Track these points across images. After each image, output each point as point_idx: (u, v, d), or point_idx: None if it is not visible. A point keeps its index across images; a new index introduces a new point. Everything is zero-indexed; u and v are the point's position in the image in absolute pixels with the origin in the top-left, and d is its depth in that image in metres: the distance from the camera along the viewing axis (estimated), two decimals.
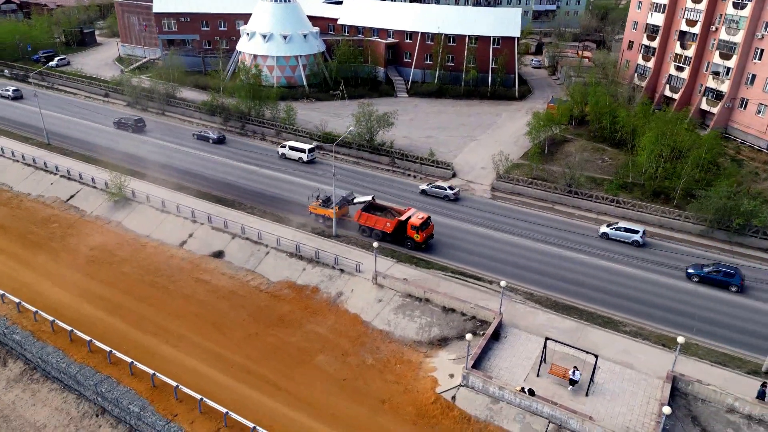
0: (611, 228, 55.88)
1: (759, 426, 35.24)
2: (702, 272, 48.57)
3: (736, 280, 47.03)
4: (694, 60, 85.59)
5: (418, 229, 51.49)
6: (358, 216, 54.42)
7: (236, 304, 47.23)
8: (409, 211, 53.76)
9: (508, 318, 44.03)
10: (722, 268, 48.19)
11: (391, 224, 52.50)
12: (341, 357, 41.83)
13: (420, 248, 52.52)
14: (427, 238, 52.69)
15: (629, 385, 37.72)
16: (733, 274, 47.45)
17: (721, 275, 47.53)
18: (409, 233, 52.18)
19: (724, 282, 47.36)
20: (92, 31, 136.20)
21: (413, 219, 52.12)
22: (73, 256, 53.40)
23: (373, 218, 53.59)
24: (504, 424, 35.75)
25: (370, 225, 53.74)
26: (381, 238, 52.94)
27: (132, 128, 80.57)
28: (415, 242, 52.18)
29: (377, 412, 37.34)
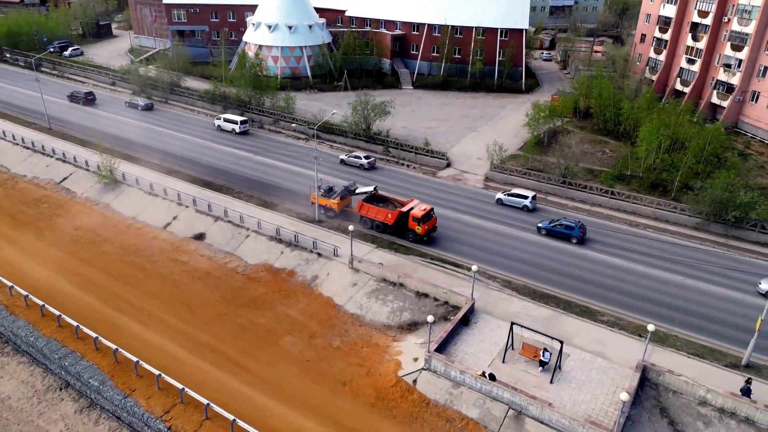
0: (504, 194, 59.32)
1: (731, 419, 33.62)
2: (548, 226, 52.19)
3: (575, 232, 50.88)
4: (706, 52, 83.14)
5: (419, 221, 49.81)
6: (359, 207, 52.89)
7: (210, 285, 47.04)
8: (412, 203, 52.05)
9: (482, 304, 42.97)
10: (564, 222, 52.37)
11: (393, 216, 50.89)
12: (308, 339, 41.28)
13: (422, 241, 50.83)
14: (429, 230, 50.95)
15: (597, 373, 36.39)
16: (573, 227, 51.14)
17: (563, 228, 51.21)
18: (410, 225, 50.49)
19: (565, 234, 51.22)
20: (109, 23, 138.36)
21: (415, 210, 50.39)
22: (57, 235, 53.91)
23: (374, 209, 52.02)
24: (463, 409, 34.76)
25: (371, 216, 52.30)
26: (382, 230, 52.00)
27: (82, 101, 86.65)
28: (416, 234, 50.58)
29: (337, 393, 36.68)
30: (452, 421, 34.25)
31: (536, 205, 58.40)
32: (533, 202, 57.93)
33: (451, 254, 49.87)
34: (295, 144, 75.33)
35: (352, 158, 68.03)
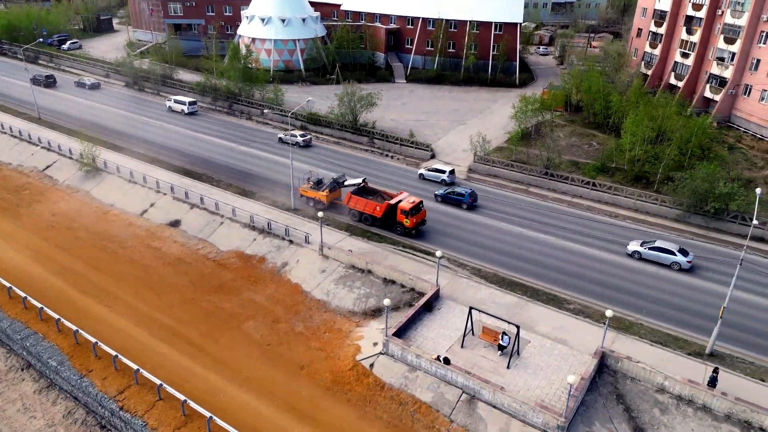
0: (426, 169, 62.83)
1: (688, 407, 33.01)
2: (443, 194, 56.55)
3: (465, 199, 55.22)
4: (700, 46, 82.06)
5: (407, 214, 48.85)
6: (347, 199, 52.09)
7: (180, 271, 47.05)
8: (401, 195, 51.11)
9: (449, 291, 42.61)
10: (457, 189, 56.77)
11: (381, 208, 50.04)
12: (271, 324, 41.13)
13: (410, 234, 49.80)
14: (417, 223, 49.92)
15: (556, 360, 35.90)
16: (463, 194, 55.68)
17: (455, 195, 55.88)
18: (398, 218, 49.53)
19: (458, 200, 55.71)
20: (109, 18, 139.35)
21: (403, 203, 49.36)
22: (34, 221, 54.25)
23: (362, 201, 51.15)
24: (417, 393, 34.43)
25: (359, 209, 51.38)
26: (371, 223, 51.30)
27: (43, 83, 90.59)
28: (404, 228, 49.55)
29: (293, 377, 36.49)
30: (405, 405, 33.93)
31: (454, 179, 61.69)
32: (451, 176, 61.23)
33: (423, 242, 49.41)
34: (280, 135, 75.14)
35: (289, 137, 69.14)
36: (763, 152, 67.57)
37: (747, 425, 31.66)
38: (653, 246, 47.10)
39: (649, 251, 46.98)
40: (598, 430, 32.11)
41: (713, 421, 32.17)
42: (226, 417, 32.84)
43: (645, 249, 47.27)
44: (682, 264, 45.89)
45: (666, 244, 47.04)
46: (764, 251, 49.49)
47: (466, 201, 55.55)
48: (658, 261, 46.57)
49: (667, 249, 46.51)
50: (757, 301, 42.88)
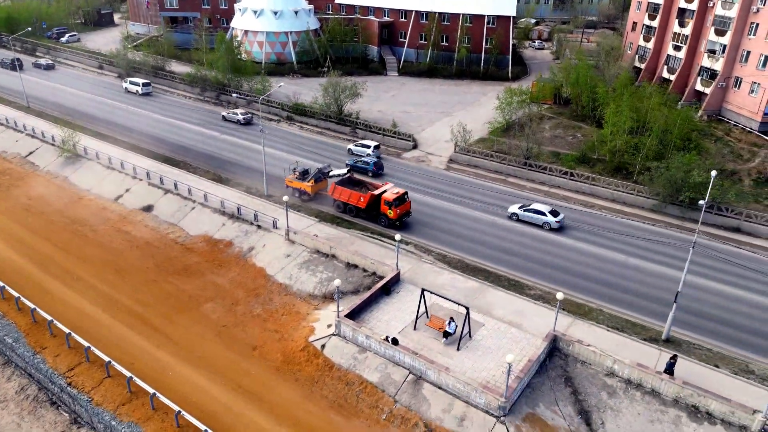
0: (354, 145, 66.66)
1: (636, 391, 32.54)
2: (353, 164, 61.44)
3: (370, 167, 60.38)
4: (692, 38, 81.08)
5: (391, 205, 48.02)
6: (332, 190, 51.45)
7: (147, 254, 47.25)
8: (385, 186, 50.41)
9: (411, 276, 42.40)
10: (363, 159, 61.95)
11: (365, 199, 49.27)
12: (230, 306, 41.16)
13: (394, 226, 48.86)
14: (402, 215, 49.17)
15: (508, 342, 35.55)
16: (369, 163, 60.76)
17: (362, 164, 61.17)
18: (382, 209, 48.83)
19: (364, 169, 60.46)
20: (110, 12, 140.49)
21: (387, 194, 48.47)
22: (10, 205, 54.78)
23: (347, 192, 50.47)
24: (364, 373, 34.26)
25: (343, 200, 50.75)
26: (355, 214, 50.59)
27: (9, 66, 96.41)
28: (388, 219, 48.73)
29: (245, 357, 36.48)
30: (351, 385, 33.78)
31: (378, 153, 65.48)
32: (376, 151, 65.30)
33: (394, 229, 49.16)
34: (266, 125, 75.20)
35: (231, 114, 75.22)
36: (751, 145, 66.57)
37: (694, 409, 31.14)
38: (528, 208, 50.54)
39: (525, 212, 50.57)
40: (542, 411, 31.72)
41: (661, 405, 31.67)
42: (172, 394, 32.88)
43: (521, 211, 50.72)
44: (552, 224, 49.32)
45: (539, 206, 50.48)
46: (737, 241, 48.64)
47: (371, 169, 60.37)
48: (532, 221, 50.14)
49: (539, 210, 49.79)
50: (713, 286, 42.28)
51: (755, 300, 40.92)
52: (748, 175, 60.47)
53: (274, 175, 55.93)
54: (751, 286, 42.35)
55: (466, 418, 31.17)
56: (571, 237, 48.74)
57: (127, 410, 32.37)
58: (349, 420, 31.93)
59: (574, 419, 31.64)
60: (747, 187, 58.41)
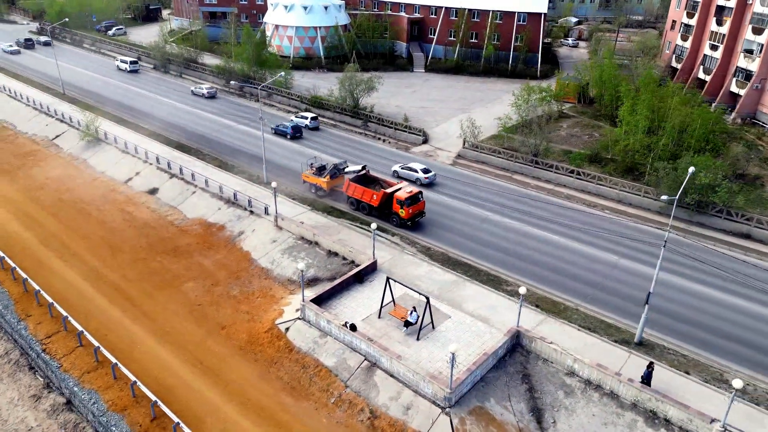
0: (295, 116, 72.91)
1: (594, 392, 31.39)
2: (275, 127, 68.65)
3: (288, 130, 67.55)
4: (729, 37, 77.41)
5: (403, 204, 46.50)
6: (346, 186, 50.41)
7: (142, 234, 48.91)
8: (400, 184, 49.24)
9: (389, 266, 42.29)
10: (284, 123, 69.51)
11: (378, 197, 47.97)
12: (210, 286, 42.13)
13: (406, 226, 47.58)
14: (414, 215, 47.48)
15: (470, 336, 34.96)
16: (287, 126, 68.11)
17: (282, 127, 68.34)
18: (394, 208, 47.50)
19: (283, 133, 67.96)
20: (158, 7, 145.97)
21: (399, 193, 46.98)
22: (28, 183, 57.82)
23: (360, 189, 49.35)
24: (321, 358, 34.43)
25: (357, 197, 49.62)
26: (368, 212, 49.51)
27: (23, 46, 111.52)
28: (400, 218, 47.31)
29: (212, 335, 37.28)
30: (307, 368, 34.02)
31: (317, 124, 71.55)
32: (314, 122, 71.32)
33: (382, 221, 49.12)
34: (281, 116, 76.57)
35: (198, 89, 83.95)
36: None
37: (652, 414, 29.80)
38: (405, 166, 57.58)
39: (402, 170, 57.25)
40: (491, 406, 31.04)
41: (618, 408, 30.45)
42: (135, 366, 34.02)
43: (400, 168, 57.57)
44: (422, 180, 55.67)
45: (414, 165, 57.56)
46: (744, 247, 46.08)
47: (289, 132, 67.41)
48: (408, 178, 56.27)
49: (413, 168, 56.89)
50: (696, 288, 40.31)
51: (740, 305, 38.71)
52: None
53: (287, 167, 57.01)
54: (739, 291, 40.05)
55: (412, 407, 30.85)
56: (563, 236, 47.37)
57: (90, 378, 33.65)
58: (298, 402, 32.16)
59: (525, 416, 30.82)
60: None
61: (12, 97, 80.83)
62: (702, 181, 47.86)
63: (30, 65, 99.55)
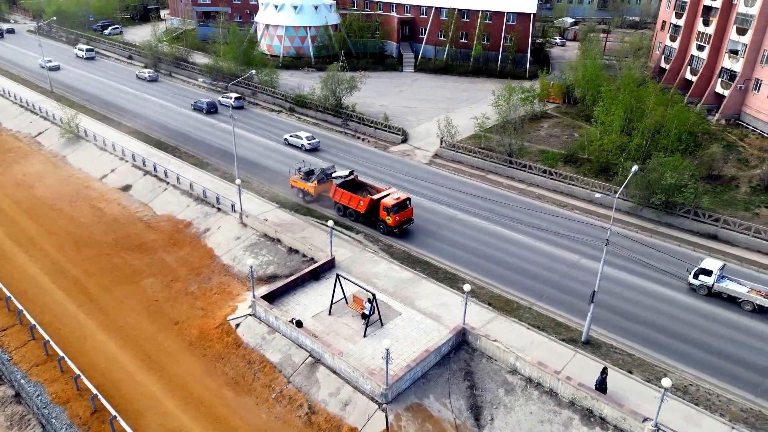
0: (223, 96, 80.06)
1: (534, 390, 31.31)
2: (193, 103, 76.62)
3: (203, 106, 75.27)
4: (715, 37, 76.80)
5: (389, 211, 44.97)
6: (333, 192, 49.01)
7: (110, 229, 49.33)
8: (388, 190, 47.70)
9: (348, 264, 42.39)
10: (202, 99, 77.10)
11: (364, 203, 46.54)
12: (169, 282, 42.44)
13: (393, 234, 46.10)
14: (402, 222, 45.96)
15: (417, 333, 34.97)
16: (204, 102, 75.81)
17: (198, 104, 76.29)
18: (380, 215, 45.99)
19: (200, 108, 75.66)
20: (156, 7, 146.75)
21: (386, 199, 45.41)
22: (6, 179, 58.50)
23: (347, 195, 47.93)
24: (267, 353, 34.60)
25: (344, 203, 48.32)
26: (355, 219, 48.15)
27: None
28: (387, 225, 45.77)
29: (164, 331, 37.57)
30: (252, 363, 34.19)
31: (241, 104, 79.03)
32: (237, 102, 78.33)
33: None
34: (266, 115, 76.98)
35: (142, 73, 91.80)
36: (762, 151, 62.46)
37: (588, 413, 29.68)
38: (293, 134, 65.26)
39: (290, 137, 64.90)
40: (430, 403, 31.04)
41: (555, 406, 30.36)
42: (83, 360, 34.40)
43: (289, 137, 65.14)
44: (306, 146, 63.39)
45: (300, 133, 65.33)
46: (708, 248, 45.74)
47: (204, 108, 74.67)
48: (295, 144, 64.21)
49: (299, 136, 64.54)
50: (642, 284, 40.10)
51: (693, 305, 38.45)
52: (749, 182, 56.68)
53: (269, 168, 57.58)
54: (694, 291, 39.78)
55: (350, 403, 30.93)
56: (528, 235, 47.25)
57: (38, 371, 34.01)
58: (239, 396, 32.34)
59: (463, 413, 30.79)
60: (742, 194, 54.81)
61: (0, 95, 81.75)
62: (667, 182, 47.51)
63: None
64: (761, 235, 45.82)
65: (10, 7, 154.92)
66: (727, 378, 32.57)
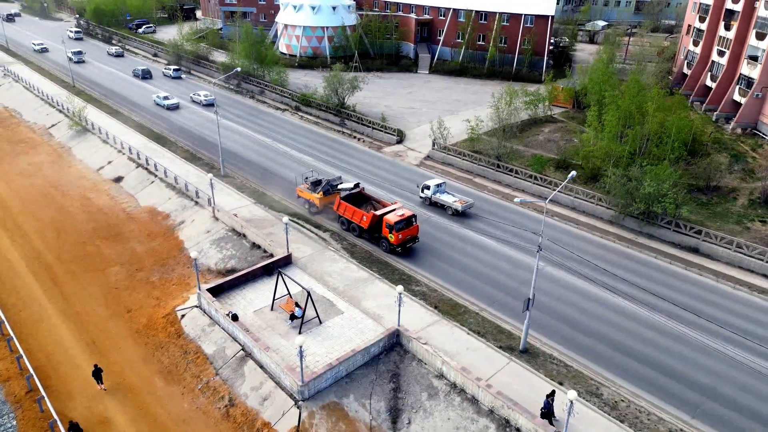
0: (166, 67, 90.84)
1: (457, 396, 30.71)
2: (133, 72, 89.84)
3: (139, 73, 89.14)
4: (735, 43, 73.43)
5: (392, 228, 42.40)
6: (337, 205, 46.81)
7: (92, 218, 51.15)
8: (393, 206, 45.18)
9: (306, 261, 42.63)
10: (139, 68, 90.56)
11: (367, 219, 44.19)
12: (133, 271, 43.67)
13: (396, 252, 43.45)
14: (405, 240, 43.27)
15: (354, 332, 34.83)
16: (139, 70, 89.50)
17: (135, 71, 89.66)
18: (383, 232, 43.54)
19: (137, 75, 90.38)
20: (192, 7, 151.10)
21: (389, 216, 42.81)
22: (11, 168, 61.51)
23: (350, 209, 45.57)
24: (203, 345, 35.17)
25: (347, 216, 46.03)
26: (359, 234, 45.95)
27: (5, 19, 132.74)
28: (389, 243, 43.27)
29: (115, 318, 38.71)
30: (187, 354, 34.82)
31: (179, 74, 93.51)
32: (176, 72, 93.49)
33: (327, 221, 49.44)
34: (270, 113, 78.21)
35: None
36: None
37: (505, 423, 28.90)
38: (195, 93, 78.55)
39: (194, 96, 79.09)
40: (348, 403, 30.86)
41: (474, 414, 29.69)
42: (32, 342, 36.07)
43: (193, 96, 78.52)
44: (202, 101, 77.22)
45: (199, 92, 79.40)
46: (686, 261, 43.76)
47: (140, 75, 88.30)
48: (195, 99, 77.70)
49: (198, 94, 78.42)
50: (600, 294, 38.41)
51: (645, 318, 36.83)
52: (750, 195, 53.93)
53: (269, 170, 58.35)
54: (658, 303, 38.08)
55: (269, 398, 31.11)
56: (498, 240, 46.29)
57: None
58: (168, 385, 33.00)
59: (381, 415, 30.49)
60: (739, 206, 52.18)
61: (26, 88, 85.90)
62: (646, 190, 45.68)
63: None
64: (743, 250, 43.48)
65: (58, 6, 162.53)
66: (659, 392, 31.10)
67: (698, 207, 51.26)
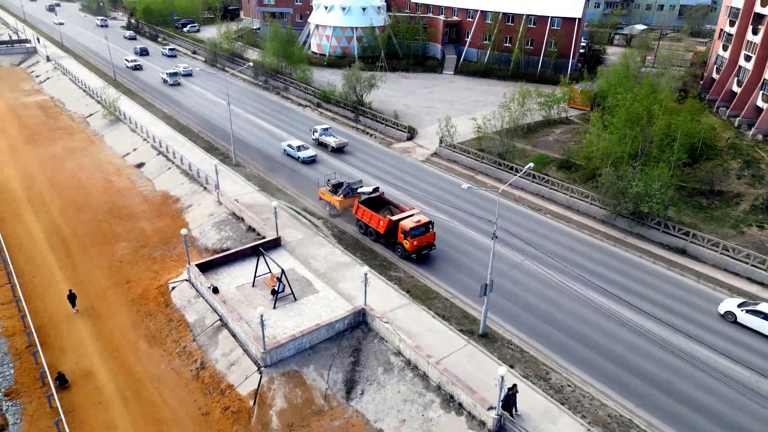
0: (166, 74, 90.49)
1: (410, 372, 32.39)
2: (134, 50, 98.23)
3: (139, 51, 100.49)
4: (761, 47, 71.88)
5: (407, 234, 41.88)
6: (355, 208, 46.54)
7: (110, 199, 55.14)
8: (411, 211, 44.95)
9: (296, 244, 45.02)
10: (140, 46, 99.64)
11: (384, 223, 43.72)
12: (138, 247, 47.11)
13: (411, 259, 42.94)
14: (421, 247, 42.63)
15: (325, 310, 36.95)
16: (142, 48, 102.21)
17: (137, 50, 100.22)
18: (398, 237, 43.00)
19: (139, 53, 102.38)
20: (237, 8, 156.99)
21: (405, 222, 42.24)
22: (46, 152, 66.58)
23: (368, 213, 45.21)
24: (186, 315, 38.00)
25: (365, 221, 45.67)
26: (375, 238, 45.63)
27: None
28: (404, 249, 42.77)
29: (113, 287, 42.07)
30: (171, 321, 37.74)
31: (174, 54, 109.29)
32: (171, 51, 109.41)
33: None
34: (293, 109, 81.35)
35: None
36: None
37: (450, 398, 30.43)
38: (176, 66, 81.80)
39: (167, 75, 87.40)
40: (308, 372, 32.97)
41: (423, 389, 31.33)
42: (39, 303, 39.79)
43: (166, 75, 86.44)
44: (181, 72, 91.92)
45: (180, 65, 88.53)
46: (671, 262, 43.93)
47: (139, 52, 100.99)
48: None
49: (178, 66, 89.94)
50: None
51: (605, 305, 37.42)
52: (755, 200, 53.24)
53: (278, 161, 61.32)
54: (639, 304, 38.58)
55: (236, 363, 33.57)
56: (486, 235, 47.39)
57: (2, 309, 39.51)
58: (150, 348, 35.95)
59: (337, 385, 32.48)
60: (740, 211, 51.64)
61: (72, 81, 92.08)
62: (634, 190, 46.01)
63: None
64: (729, 253, 43.32)
65: (114, 6, 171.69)
66: (610, 382, 31.90)
67: (696, 210, 51.06)
